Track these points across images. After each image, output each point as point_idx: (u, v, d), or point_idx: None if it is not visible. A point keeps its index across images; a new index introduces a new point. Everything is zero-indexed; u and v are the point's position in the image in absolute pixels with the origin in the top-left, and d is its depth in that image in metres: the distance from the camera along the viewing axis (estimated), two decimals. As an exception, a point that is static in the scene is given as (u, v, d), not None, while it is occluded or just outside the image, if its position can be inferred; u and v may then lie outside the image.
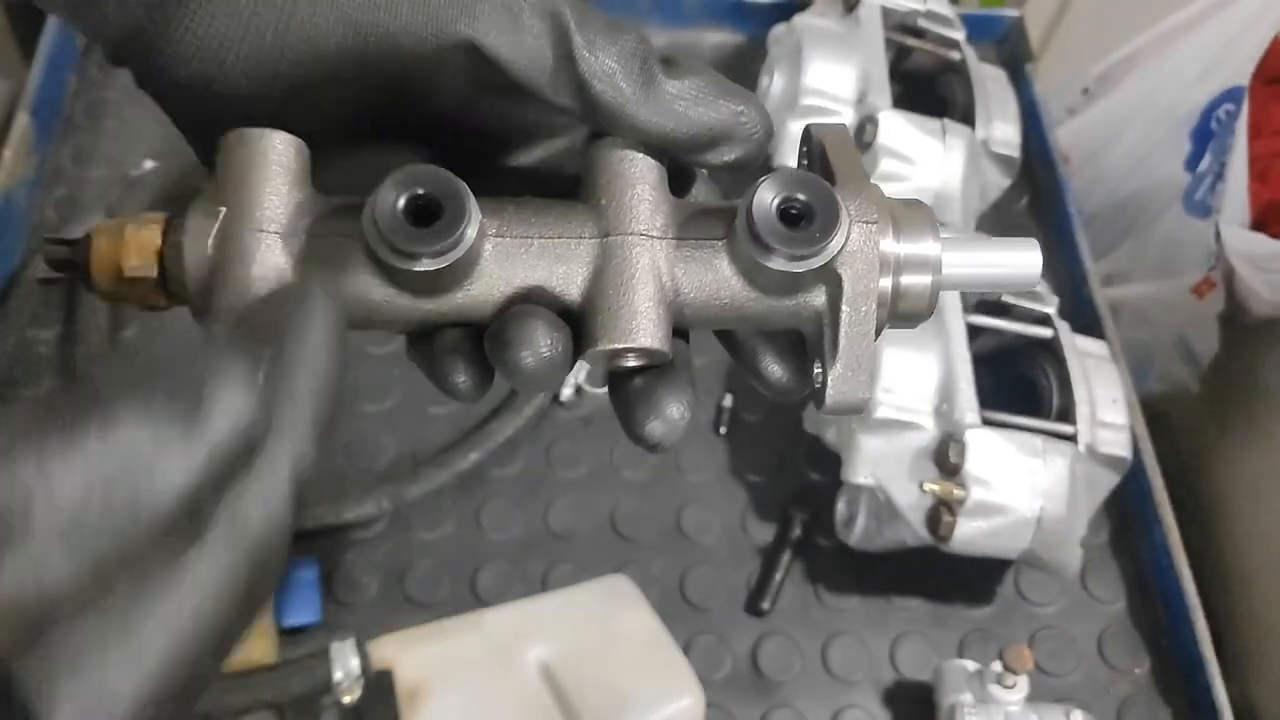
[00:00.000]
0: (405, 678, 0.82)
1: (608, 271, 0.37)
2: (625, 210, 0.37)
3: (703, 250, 0.37)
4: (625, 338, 0.36)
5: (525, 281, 0.37)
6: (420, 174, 0.35)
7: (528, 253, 0.37)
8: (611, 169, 0.38)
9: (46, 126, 1.14)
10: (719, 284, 0.37)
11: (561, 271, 0.37)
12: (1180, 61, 1.25)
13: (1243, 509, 1.10)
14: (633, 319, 0.36)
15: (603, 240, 0.37)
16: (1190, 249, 1.21)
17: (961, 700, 0.83)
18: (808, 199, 0.35)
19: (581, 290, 0.37)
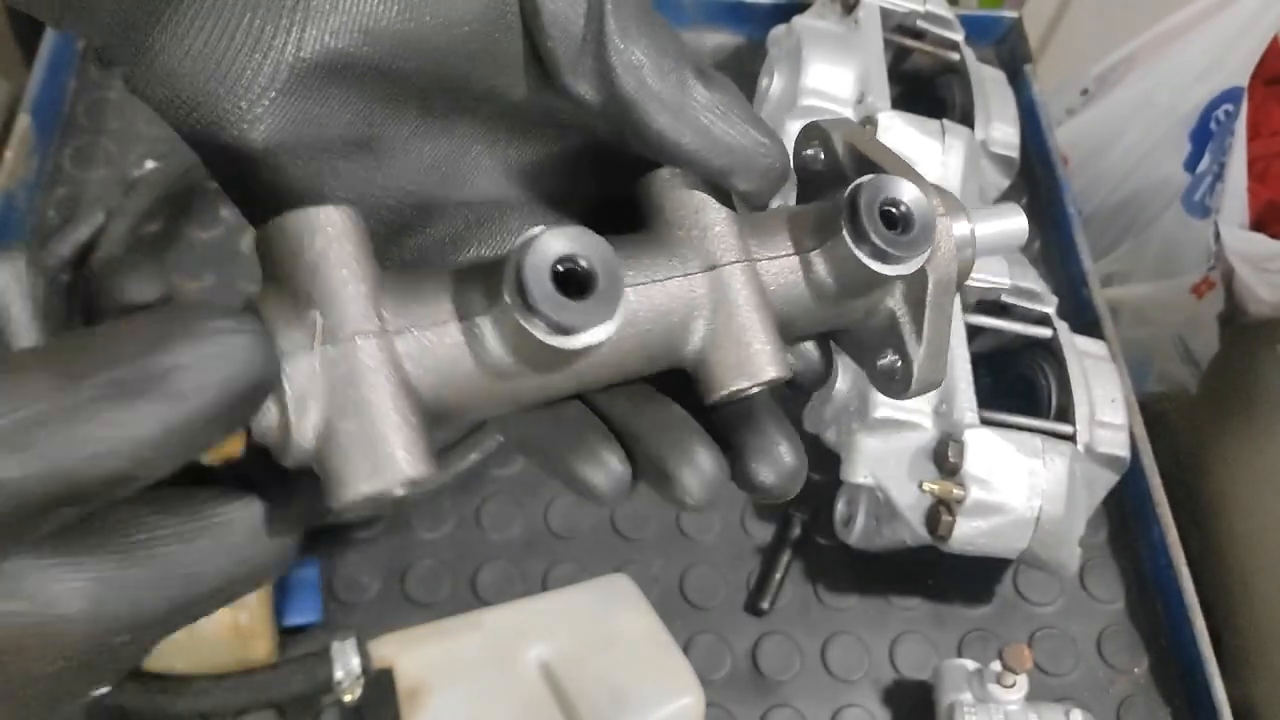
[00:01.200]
0: (406, 677, 0.82)
1: (723, 308, 0.35)
2: (720, 238, 0.36)
3: (791, 262, 0.37)
4: (755, 375, 0.35)
5: (647, 334, 0.34)
6: (566, 238, 0.31)
7: (647, 299, 0.34)
8: (687, 196, 0.36)
9: (47, 127, 1.15)
10: (809, 295, 0.37)
11: (680, 316, 0.35)
12: (1179, 62, 1.25)
13: (1242, 508, 1.10)
14: (761, 354, 0.35)
15: (710, 273, 0.35)
16: (1189, 249, 1.21)
17: (961, 700, 0.83)
18: (909, 205, 0.35)
19: (701, 332, 0.35)
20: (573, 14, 0.33)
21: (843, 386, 0.93)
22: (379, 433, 0.29)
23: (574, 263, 0.31)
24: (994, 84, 1.14)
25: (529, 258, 0.30)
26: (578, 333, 0.30)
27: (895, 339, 0.38)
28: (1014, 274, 0.96)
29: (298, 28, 0.32)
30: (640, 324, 0.34)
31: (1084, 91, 1.35)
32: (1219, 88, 1.22)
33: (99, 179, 1.14)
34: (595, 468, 0.33)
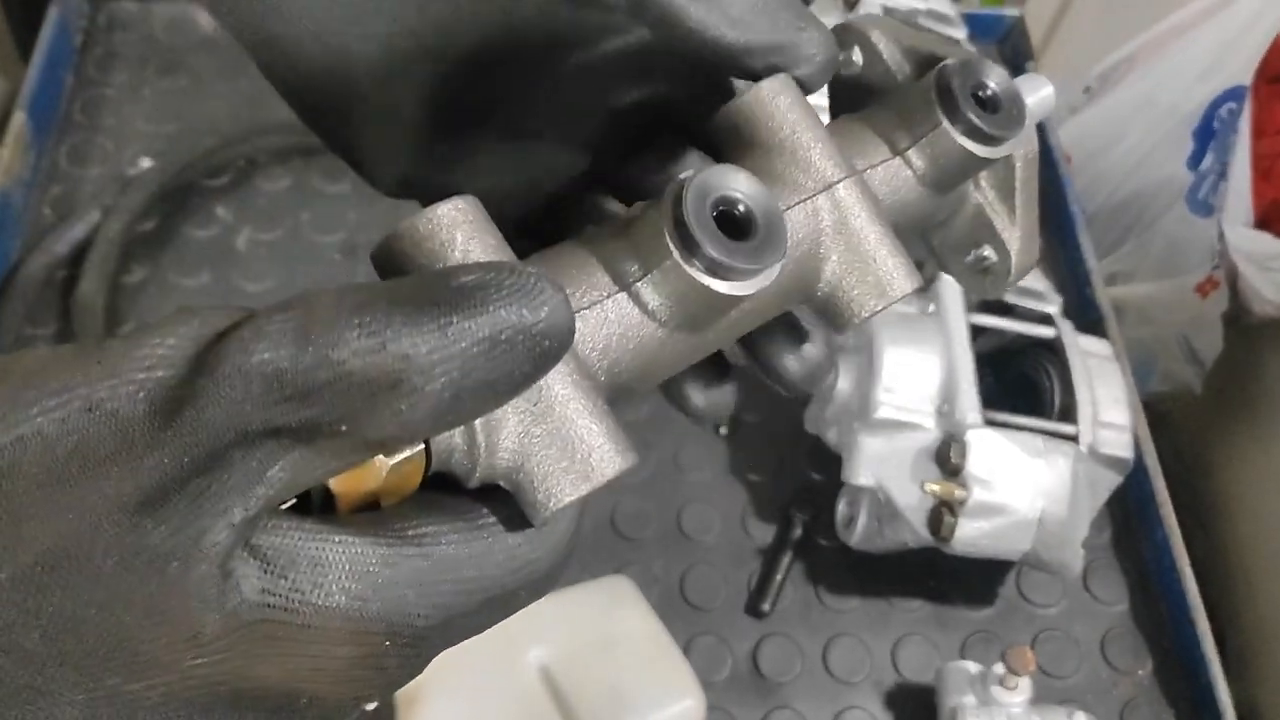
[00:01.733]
0: (403, 679, 0.81)
1: (846, 225, 0.33)
2: (822, 156, 0.34)
3: (892, 169, 0.36)
4: (891, 291, 0.34)
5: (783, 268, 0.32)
6: (726, 179, 0.29)
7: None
8: (775, 119, 0.34)
9: (43, 125, 1.14)
10: (907, 197, 0.36)
11: (809, 242, 0.33)
12: (1182, 60, 1.25)
13: (1246, 509, 1.09)
14: (890, 272, 0.34)
15: (828, 193, 0.33)
16: (1193, 248, 1.21)
17: (964, 702, 0.83)
18: (996, 85, 0.35)
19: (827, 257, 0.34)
20: None
21: (844, 387, 0.92)
22: (579, 430, 0.28)
23: (731, 205, 0.29)
24: (996, 82, 1.13)
25: (689, 201, 0.28)
26: (747, 277, 0.29)
27: (986, 230, 0.38)
28: (1017, 273, 0.95)
29: None
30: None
31: (1086, 89, 1.34)
32: (1222, 86, 1.21)
33: (95, 177, 1.13)
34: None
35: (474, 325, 0.23)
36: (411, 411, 0.23)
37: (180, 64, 1.22)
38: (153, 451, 0.22)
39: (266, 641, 0.23)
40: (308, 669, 0.24)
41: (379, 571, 0.24)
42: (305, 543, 0.24)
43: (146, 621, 0.23)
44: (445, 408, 0.23)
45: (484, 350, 0.23)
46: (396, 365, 0.22)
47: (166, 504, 0.22)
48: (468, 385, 0.23)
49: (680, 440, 1.02)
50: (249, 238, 1.11)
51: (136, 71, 1.21)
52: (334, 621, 0.24)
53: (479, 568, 0.26)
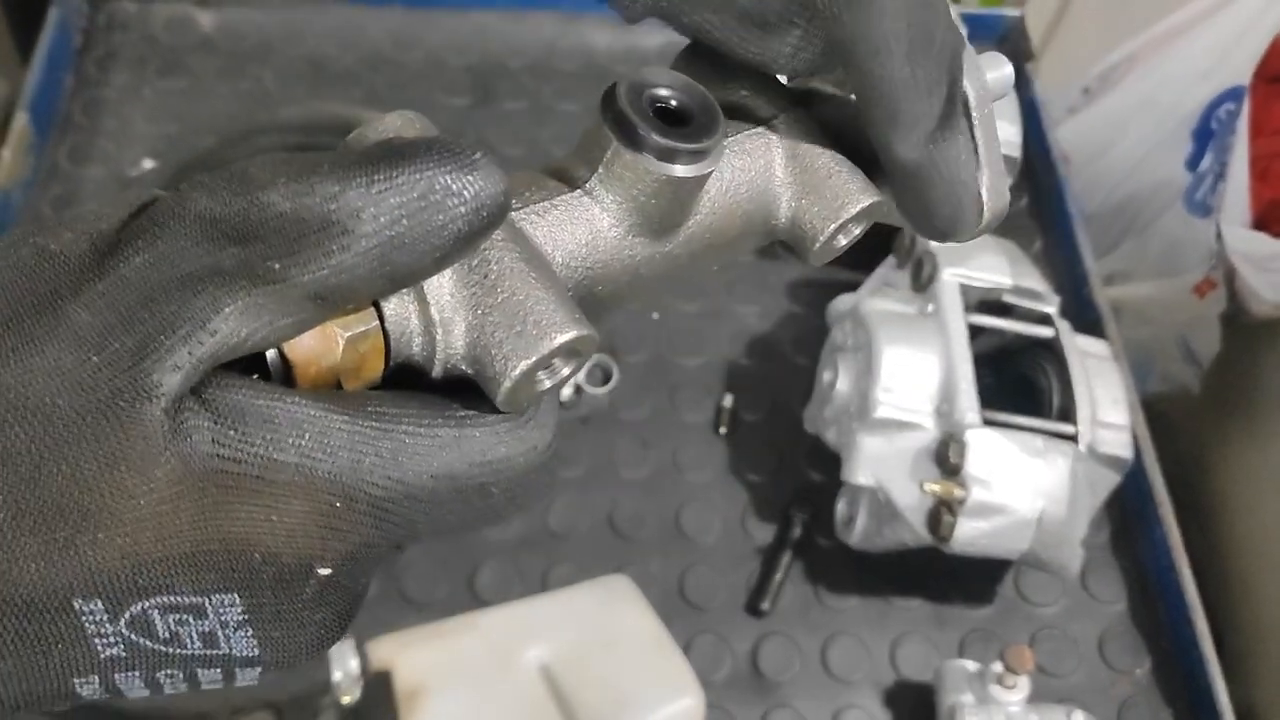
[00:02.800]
0: (404, 678, 0.81)
1: (798, 151, 0.34)
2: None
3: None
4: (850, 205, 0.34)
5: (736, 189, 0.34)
6: (661, 76, 0.31)
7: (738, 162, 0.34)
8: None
9: (44, 125, 1.14)
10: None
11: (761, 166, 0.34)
12: (1181, 61, 1.25)
13: (1244, 509, 1.10)
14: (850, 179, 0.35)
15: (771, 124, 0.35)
16: (1191, 248, 1.21)
17: (962, 701, 0.83)
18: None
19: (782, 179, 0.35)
20: None
21: (843, 387, 0.92)
22: (530, 297, 0.28)
23: (665, 101, 0.30)
24: (995, 82, 1.14)
25: (623, 94, 0.30)
26: (688, 160, 0.30)
27: None
28: (1015, 273, 0.95)
29: None
30: (728, 180, 0.34)
31: (1085, 90, 1.35)
32: (1221, 86, 1.22)
33: (95, 177, 1.13)
34: None
35: (403, 179, 0.24)
36: (343, 253, 0.24)
37: (180, 64, 1.22)
38: (94, 283, 0.23)
39: (220, 493, 0.24)
40: (261, 522, 0.25)
41: (332, 434, 0.25)
42: (258, 399, 0.25)
43: (101, 468, 0.23)
44: (377, 256, 0.24)
45: (414, 204, 0.24)
46: (325, 205, 0.24)
47: (112, 339, 0.23)
48: (398, 236, 0.24)
49: (680, 440, 1.02)
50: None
51: (137, 72, 1.21)
52: (283, 475, 0.24)
53: (446, 454, 0.27)
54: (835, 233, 0.34)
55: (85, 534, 0.23)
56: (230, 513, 0.24)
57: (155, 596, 0.24)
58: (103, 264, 0.24)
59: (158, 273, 0.24)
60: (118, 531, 0.23)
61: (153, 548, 0.24)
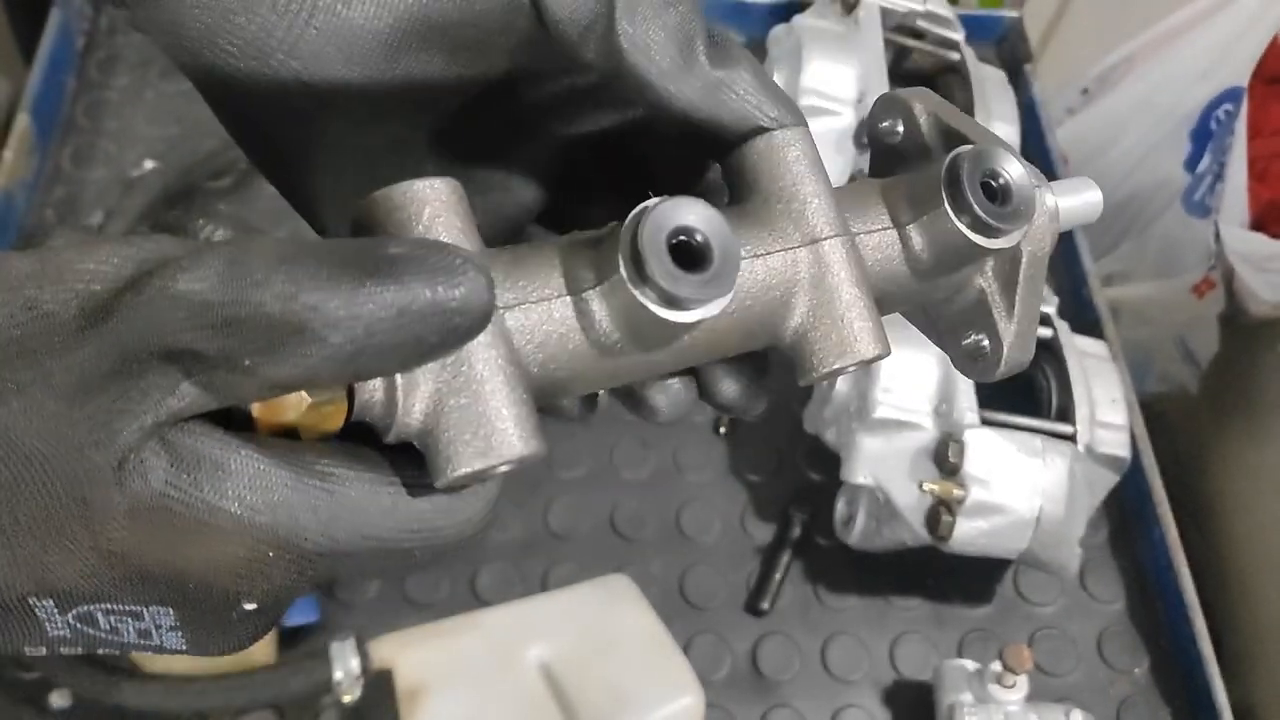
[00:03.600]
0: (405, 677, 0.82)
1: (823, 286, 0.34)
2: (821, 212, 0.35)
3: (889, 235, 0.36)
4: (856, 352, 0.34)
5: (749, 310, 0.33)
6: (682, 210, 0.30)
7: (752, 280, 0.33)
8: (787, 167, 0.35)
9: (46, 127, 1.15)
10: (902, 270, 0.36)
11: (781, 290, 0.34)
12: (1179, 62, 1.25)
13: (1242, 508, 1.10)
14: (861, 332, 0.34)
15: (812, 248, 0.34)
16: (1190, 249, 1.21)
17: (961, 700, 0.83)
18: (1009, 177, 0.35)
19: (801, 308, 0.34)
20: (577, 3, 0.34)
21: (843, 387, 0.92)
22: (490, 409, 0.29)
23: (690, 235, 0.30)
24: (994, 83, 1.14)
25: (646, 228, 0.29)
26: (692, 307, 0.30)
27: (984, 318, 0.38)
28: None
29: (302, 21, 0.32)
30: (742, 299, 0.33)
31: (1084, 91, 1.35)
32: (1219, 87, 1.22)
33: (98, 179, 1.14)
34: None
35: (387, 292, 0.26)
36: (309, 358, 0.26)
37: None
38: (78, 349, 0.25)
39: (168, 528, 0.27)
40: (201, 558, 0.27)
41: (276, 489, 0.27)
42: (212, 448, 0.27)
43: (68, 499, 0.26)
44: (344, 360, 0.26)
45: (391, 317, 0.26)
46: (304, 314, 0.25)
47: (90, 399, 0.26)
48: (371, 345, 0.26)
49: (680, 440, 1.02)
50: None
51: (139, 74, 1.21)
52: (224, 521, 0.27)
53: (379, 519, 0.29)
54: (835, 371, 0.34)
55: (48, 553, 0.26)
56: (172, 545, 0.27)
57: (100, 603, 0.28)
58: (87, 331, 0.26)
59: (137, 346, 0.26)
60: (74, 553, 0.27)
61: (101, 567, 0.27)
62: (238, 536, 0.27)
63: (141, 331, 0.25)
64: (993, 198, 0.35)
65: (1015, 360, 0.37)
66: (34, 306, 0.26)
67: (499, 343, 0.30)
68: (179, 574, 0.27)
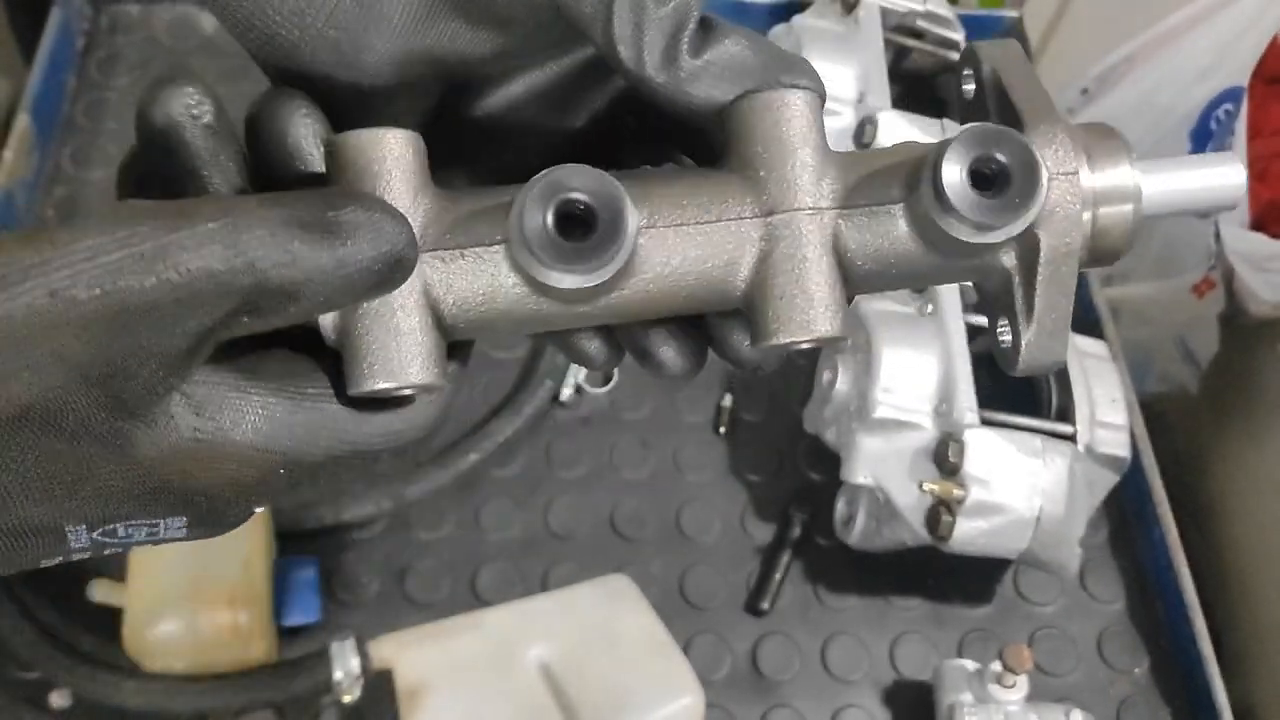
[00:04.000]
0: (405, 677, 0.82)
1: (776, 255, 0.33)
2: (788, 182, 0.33)
3: (878, 217, 0.33)
4: (804, 330, 0.33)
5: (683, 276, 0.33)
6: (570, 178, 0.31)
7: (683, 241, 0.33)
8: (765, 132, 0.34)
9: (47, 127, 1.15)
10: (895, 250, 0.34)
11: (724, 260, 0.33)
12: (1179, 62, 1.25)
13: (1242, 508, 1.10)
14: (809, 308, 0.33)
15: (767, 220, 0.33)
16: (1190, 249, 1.21)
17: (961, 700, 0.83)
18: (1005, 161, 0.32)
19: (747, 278, 0.33)
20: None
21: (843, 387, 0.92)
22: (397, 338, 0.32)
23: (576, 203, 0.31)
24: (994, 84, 1.14)
25: (530, 195, 0.31)
26: (574, 275, 0.31)
27: (1008, 307, 0.34)
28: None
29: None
30: (676, 262, 0.33)
31: (1084, 91, 1.35)
32: (1219, 87, 1.22)
33: (98, 179, 1.14)
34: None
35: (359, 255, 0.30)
36: (299, 309, 0.30)
37: (182, 66, 1.22)
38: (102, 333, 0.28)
39: (193, 461, 0.31)
40: (221, 480, 0.32)
41: (282, 418, 0.32)
42: (226, 393, 0.31)
43: (103, 454, 0.30)
44: (316, 309, 0.31)
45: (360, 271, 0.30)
46: (299, 278, 0.30)
47: (116, 376, 0.29)
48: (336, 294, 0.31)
49: (680, 440, 1.02)
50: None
51: (138, 74, 1.21)
52: (246, 452, 0.31)
53: (356, 429, 0.33)
54: (786, 345, 0.33)
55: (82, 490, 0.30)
56: (197, 473, 0.31)
57: (122, 522, 0.32)
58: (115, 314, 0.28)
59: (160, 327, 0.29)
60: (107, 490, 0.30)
61: (127, 498, 0.31)
62: (255, 461, 0.31)
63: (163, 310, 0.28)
64: (985, 185, 0.32)
65: (1036, 360, 0.34)
66: (55, 294, 0.28)
67: (415, 281, 0.32)
68: (200, 492, 0.32)
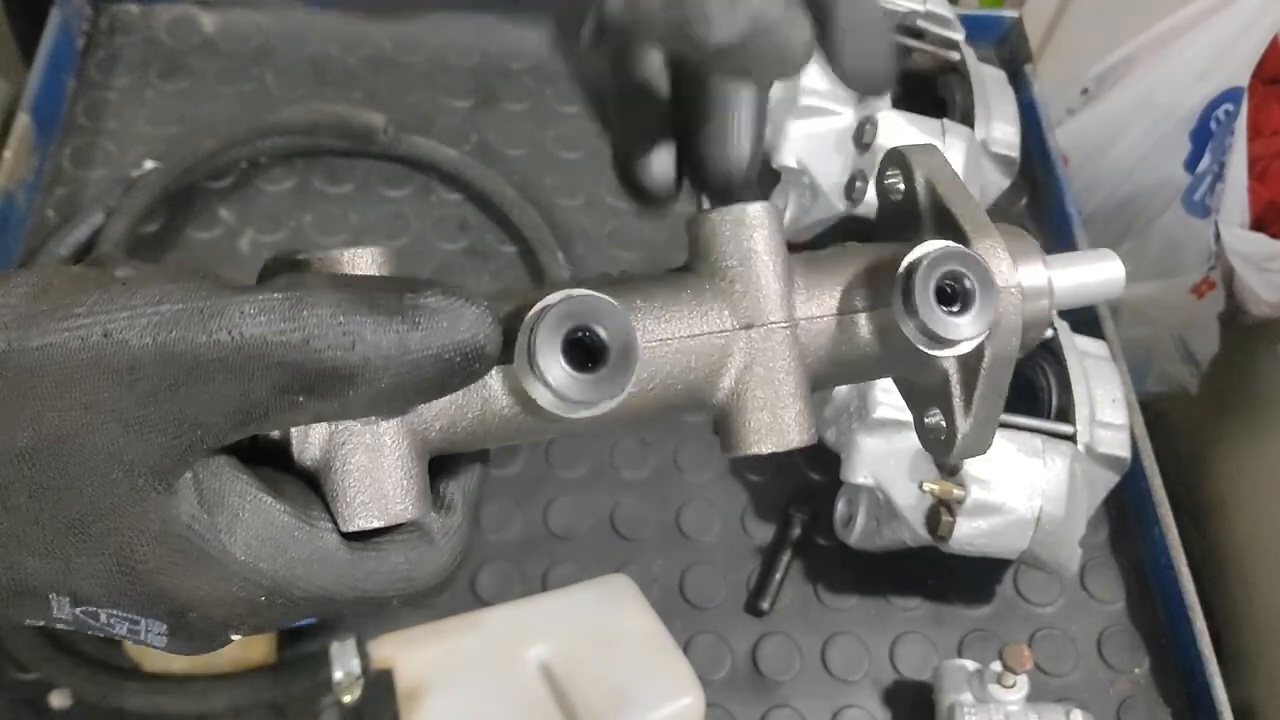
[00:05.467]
0: (405, 677, 0.82)
1: (755, 369, 0.34)
2: (762, 295, 0.34)
3: (843, 326, 0.35)
4: (782, 441, 0.34)
5: (667, 389, 0.34)
6: (581, 309, 0.31)
7: (669, 356, 0.34)
8: (736, 246, 0.35)
9: (46, 127, 1.15)
10: (855, 354, 0.35)
11: (705, 373, 0.34)
12: (1179, 62, 1.25)
13: (1242, 508, 1.10)
14: (787, 420, 0.34)
15: (747, 332, 0.34)
16: (1190, 249, 1.21)
17: (961, 700, 0.83)
18: (971, 283, 0.33)
19: (728, 388, 0.34)
20: None
21: (843, 387, 0.92)
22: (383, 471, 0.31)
23: (588, 332, 0.31)
24: (994, 84, 1.14)
25: (541, 326, 0.30)
26: (581, 408, 0.31)
27: (944, 401, 0.36)
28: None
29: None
30: (660, 377, 0.33)
31: (1084, 91, 1.35)
32: (1219, 87, 1.22)
33: (98, 179, 1.14)
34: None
35: (430, 342, 0.29)
36: (359, 396, 0.29)
37: (182, 66, 1.22)
38: (145, 379, 0.28)
39: (183, 558, 0.30)
40: (204, 591, 0.30)
41: (281, 542, 0.30)
42: (233, 493, 0.30)
43: (109, 511, 0.29)
44: (383, 400, 0.29)
45: (430, 360, 0.29)
46: (355, 360, 0.28)
47: (147, 427, 0.28)
48: (408, 384, 0.29)
49: (680, 440, 1.02)
50: (252, 239, 1.11)
51: (139, 74, 1.21)
52: (230, 565, 0.30)
53: (364, 572, 0.32)
54: (760, 453, 0.35)
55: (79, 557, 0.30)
56: (183, 574, 0.30)
57: (106, 609, 0.31)
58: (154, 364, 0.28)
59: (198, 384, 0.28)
60: (100, 563, 0.30)
61: (120, 580, 0.30)
62: (239, 578, 0.30)
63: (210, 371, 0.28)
64: (949, 301, 0.33)
65: (969, 449, 0.36)
66: (109, 334, 0.28)
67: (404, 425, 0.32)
68: (183, 601, 0.30)
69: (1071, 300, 0.38)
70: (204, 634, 0.32)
